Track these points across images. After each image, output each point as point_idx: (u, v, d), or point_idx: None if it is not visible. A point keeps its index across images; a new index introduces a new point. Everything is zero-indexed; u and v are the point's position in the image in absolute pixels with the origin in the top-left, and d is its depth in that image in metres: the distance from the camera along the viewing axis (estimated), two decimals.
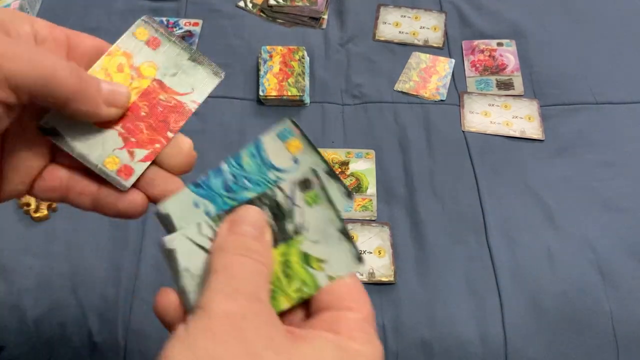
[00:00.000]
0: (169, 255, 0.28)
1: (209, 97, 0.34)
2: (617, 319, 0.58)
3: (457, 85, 0.77)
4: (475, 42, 0.82)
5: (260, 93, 0.73)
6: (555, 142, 0.71)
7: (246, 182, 0.30)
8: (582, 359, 0.57)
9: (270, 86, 0.73)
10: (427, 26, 0.84)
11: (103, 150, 0.29)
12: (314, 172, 0.29)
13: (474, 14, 0.85)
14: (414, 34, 0.83)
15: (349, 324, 0.26)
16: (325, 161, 0.30)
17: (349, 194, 0.28)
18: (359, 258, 0.28)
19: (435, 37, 0.82)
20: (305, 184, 0.29)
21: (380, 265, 0.60)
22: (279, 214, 0.28)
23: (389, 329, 0.57)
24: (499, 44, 0.81)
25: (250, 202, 0.29)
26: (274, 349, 0.25)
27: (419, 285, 0.59)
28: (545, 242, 0.62)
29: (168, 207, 0.30)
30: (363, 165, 0.69)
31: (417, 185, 0.67)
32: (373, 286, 0.59)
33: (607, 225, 0.64)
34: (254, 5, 0.85)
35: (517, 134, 0.72)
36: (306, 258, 0.28)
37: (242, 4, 0.85)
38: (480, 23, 0.84)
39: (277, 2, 0.84)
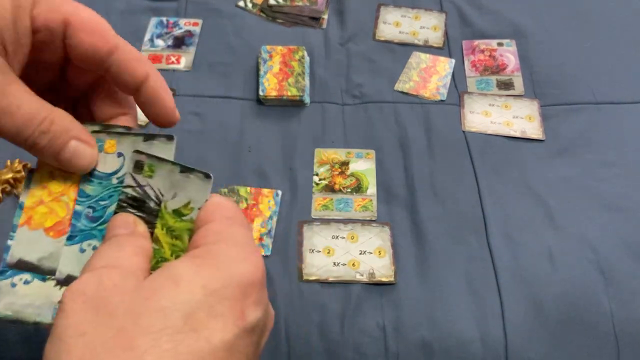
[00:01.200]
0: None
1: (209, 97, 0.36)
2: (618, 318, 0.58)
3: (458, 85, 0.77)
4: (476, 42, 0.82)
5: (260, 93, 0.73)
6: (556, 142, 0.71)
7: (102, 203, 0.32)
8: (582, 358, 0.56)
9: (270, 86, 0.73)
10: (427, 26, 0.84)
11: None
12: (137, 152, 0.32)
13: (474, 14, 0.85)
14: (414, 33, 0.83)
15: (207, 233, 0.29)
16: (137, 133, 0.33)
17: (170, 137, 0.32)
18: (207, 175, 0.31)
19: (436, 37, 0.82)
20: (137, 167, 0.32)
21: (380, 266, 0.60)
22: (137, 203, 0.32)
23: (389, 329, 0.57)
24: (499, 44, 0.81)
25: (114, 214, 0.32)
26: (120, 290, 0.26)
27: (419, 286, 0.59)
28: (546, 242, 0.62)
29: (63, 269, 0.32)
30: (363, 165, 0.69)
31: (417, 185, 0.67)
32: (373, 286, 0.59)
33: (608, 225, 0.64)
34: (254, 5, 0.85)
35: (518, 134, 0.72)
36: (177, 212, 0.31)
37: (242, 3, 0.85)
38: (480, 23, 0.84)
39: (277, 2, 0.84)
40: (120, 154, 0.33)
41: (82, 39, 0.30)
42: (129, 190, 0.32)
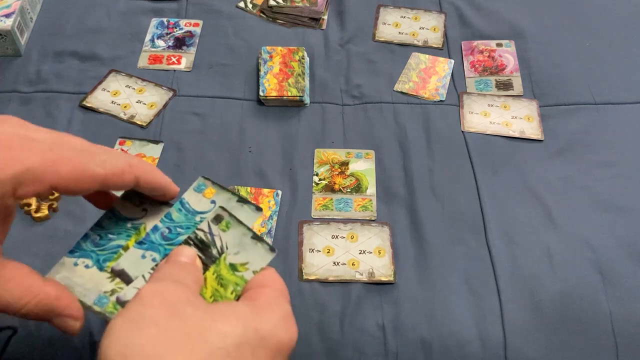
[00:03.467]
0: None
1: (209, 97, 0.40)
2: (617, 318, 0.58)
3: (457, 86, 0.77)
4: (475, 42, 0.82)
5: (261, 93, 0.73)
6: (555, 143, 0.71)
7: (179, 229, 0.39)
8: (581, 358, 0.57)
9: (270, 86, 0.73)
10: (426, 27, 0.84)
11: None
12: (222, 208, 0.38)
13: (473, 14, 0.85)
14: (413, 34, 0.83)
15: (263, 294, 0.35)
16: (234, 193, 0.40)
17: (258, 208, 0.39)
18: (272, 249, 0.38)
19: (435, 38, 0.83)
20: (217, 219, 0.38)
21: (380, 265, 0.60)
22: (203, 246, 0.38)
23: (389, 329, 0.57)
24: (499, 45, 0.82)
25: (181, 243, 0.38)
26: (193, 306, 0.32)
27: (419, 285, 0.60)
28: (545, 241, 0.63)
29: (121, 263, 0.38)
30: (363, 165, 0.69)
31: (417, 185, 0.67)
32: (373, 286, 0.59)
33: (607, 225, 0.64)
34: (254, 5, 0.86)
35: (517, 134, 0.72)
36: (233, 267, 0.37)
37: (242, 4, 0.86)
38: (479, 24, 0.84)
39: (277, 2, 0.85)
40: (213, 202, 0.40)
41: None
42: (200, 233, 0.38)
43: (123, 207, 0.40)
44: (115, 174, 0.35)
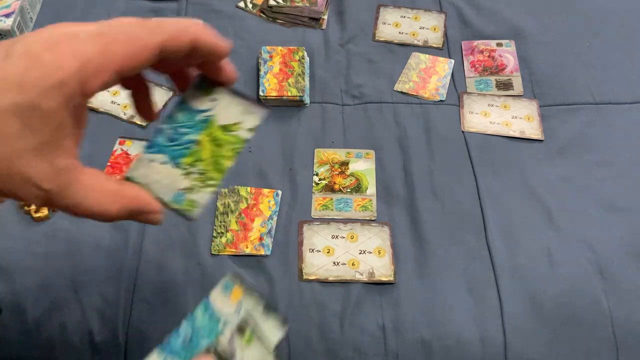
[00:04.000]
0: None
1: None
2: (617, 318, 0.58)
3: (457, 86, 0.77)
4: (475, 42, 0.82)
5: (260, 93, 0.73)
6: (555, 142, 0.71)
7: (202, 333, 0.39)
8: (581, 358, 0.57)
9: (270, 86, 0.73)
10: (426, 26, 0.84)
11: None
12: (247, 317, 0.39)
13: (473, 14, 0.85)
14: (413, 34, 0.83)
15: None
16: (261, 300, 0.39)
17: (284, 322, 0.39)
18: None
19: (435, 38, 0.83)
20: (241, 330, 0.38)
21: (380, 265, 0.60)
22: (223, 357, 0.38)
23: (389, 329, 0.57)
24: (499, 45, 0.82)
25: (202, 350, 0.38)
26: None
27: (419, 285, 0.60)
28: (545, 241, 0.63)
29: (133, 172, 0.36)
30: (363, 165, 0.69)
31: (417, 185, 0.67)
32: (373, 286, 0.59)
33: (607, 225, 0.64)
34: (254, 5, 0.85)
35: (517, 134, 0.72)
36: None
37: (242, 4, 0.86)
38: (479, 23, 0.84)
39: (277, 2, 0.85)
40: (238, 309, 0.39)
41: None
42: (222, 344, 0.38)
43: (192, 98, 0.37)
44: (171, 38, 0.32)
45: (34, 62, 0.29)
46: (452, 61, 0.80)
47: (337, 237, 0.63)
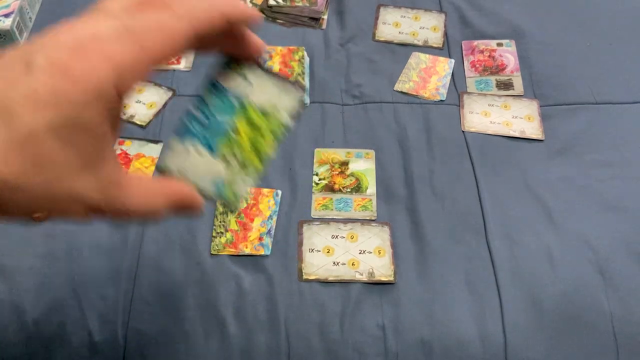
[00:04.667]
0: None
1: None
2: (617, 318, 0.58)
3: (457, 86, 0.77)
4: (475, 42, 0.82)
5: None
6: (555, 142, 0.71)
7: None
8: (581, 358, 0.57)
9: None
10: (426, 26, 0.84)
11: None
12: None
13: (473, 14, 0.85)
14: (413, 34, 0.83)
15: None
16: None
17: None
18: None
19: (435, 38, 0.82)
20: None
21: (380, 265, 0.60)
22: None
23: (389, 329, 0.57)
24: (499, 44, 0.82)
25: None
26: None
27: (419, 285, 0.59)
28: (545, 241, 0.63)
29: (168, 162, 0.33)
30: (363, 165, 0.69)
31: (417, 185, 0.67)
32: (373, 286, 0.59)
33: (607, 225, 0.64)
34: (254, 5, 0.85)
35: (517, 134, 0.72)
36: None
37: None
38: (480, 23, 0.84)
39: (277, 2, 0.85)
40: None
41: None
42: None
43: (223, 77, 0.35)
44: (203, 20, 0.30)
45: (64, 74, 0.26)
46: (453, 61, 0.80)
47: (337, 237, 0.63)
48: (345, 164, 0.69)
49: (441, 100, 0.75)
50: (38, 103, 0.25)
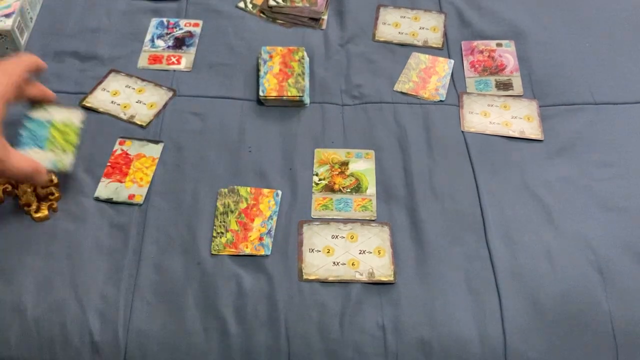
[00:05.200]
0: None
1: (209, 97, 0.44)
2: (616, 318, 0.58)
3: (457, 86, 0.77)
4: (475, 42, 0.82)
5: (260, 93, 0.73)
6: (555, 142, 0.72)
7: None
8: (581, 358, 0.57)
9: (270, 86, 0.73)
10: (426, 27, 0.84)
11: None
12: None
13: (473, 14, 0.85)
14: (413, 34, 0.83)
15: None
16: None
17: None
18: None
19: (435, 38, 0.83)
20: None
21: (380, 265, 0.60)
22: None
23: (389, 329, 0.57)
24: (498, 45, 0.82)
25: None
26: None
27: (419, 285, 0.60)
28: (545, 241, 0.63)
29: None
30: (363, 165, 0.69)
31: (417, 185, 0.67)
32: (373, 286, 0.59)
33: (607, 225, 0.64)
34: (254, 5, 0.86)
35: (517, 134, 0.72)
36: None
37: (242, 4, 0.86)
38: (479, 24, 0.84)
39: (277, 2, 0.85)
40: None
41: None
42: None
43: (34, 113, 0.63)
44: (8, 96, 0.57)
45: None
46: (452, 61, 0.80)
47: (337, 237, 0.63)
48: (345, 164, 0.69)
49: (441, 101, 0.75)
50: None
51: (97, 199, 0.65)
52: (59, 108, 0.64)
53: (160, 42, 0.80)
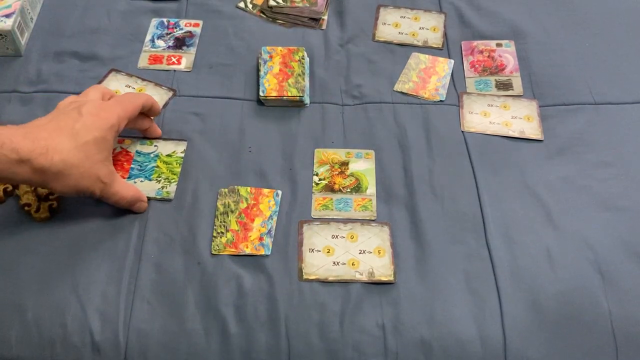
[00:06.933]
0: None
1: (209, 97, 0.45)
2: (616, 318, 0.58)
3: (457, 86, 0.77)
4: (475, 42, 0.82)
5: (260, 93, 0.73)
6: (555, 142, 0.72)
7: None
8: (580, 358, 0.57)
9: (270, 87, 0.73)
10: (426, 27, 0.84)
11: None
12: None
13: (473, 14, 0.85)
14: (413, 34, 0.83)
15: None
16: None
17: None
18: None
19: (435, 38, 0.83)
20: None
21: (380, 265, 0.61)
22: None
23: (389, 329, 0.57)
24: (498, 45, 0.82)
25: None
26: None
27: (419, 285, 0.60)
28: (545, 241, 0.63)
29: None
30: (363, 165, 0.69)
31: (417, 185, 0.67)
32: (373, 286, 0.60)
33: (607, 225, 0.64)
34: (254, 6, 0.86)
35: (517, 134, 0.72)
36: None
37: (242, 4, 0.86)
38: (479, 24, 0.84)
39: (277, 2, 0.85)
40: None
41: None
42: None
43: (143, 147, 0.69)
44: (134, 109, 0.63)
45: (98, 117, 0.58)
46: (452, 61, 0.80)
47: (337, 237, 0.63)
48: (345, 164, 0.69)
49: (441, 101, 0.75)
50: (90, 129, 0.57)
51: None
52: (165, 142, 0.69)
53: (160, 42, 0.80)
